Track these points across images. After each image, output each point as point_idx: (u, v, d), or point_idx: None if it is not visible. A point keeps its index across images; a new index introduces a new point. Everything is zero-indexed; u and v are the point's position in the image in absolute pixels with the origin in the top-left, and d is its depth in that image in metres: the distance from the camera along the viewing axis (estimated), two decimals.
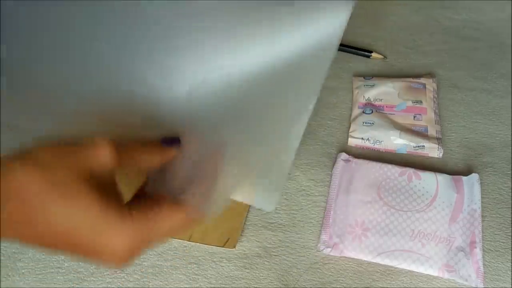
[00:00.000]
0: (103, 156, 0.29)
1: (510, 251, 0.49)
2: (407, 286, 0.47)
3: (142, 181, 0.33)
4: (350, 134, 0.57)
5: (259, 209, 0.52)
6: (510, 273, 0.47)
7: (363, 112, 0.58)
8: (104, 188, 0.28)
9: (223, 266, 0.48)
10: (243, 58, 0.33)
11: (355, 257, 0.48)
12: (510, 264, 0.48)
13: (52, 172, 0.27)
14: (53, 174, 0.27)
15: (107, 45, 0.33)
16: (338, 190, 0.52)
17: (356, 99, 0.60)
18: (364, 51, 0.65)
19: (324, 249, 0.48)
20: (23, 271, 0.48)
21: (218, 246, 0.49)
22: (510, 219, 0.51)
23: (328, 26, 0.32)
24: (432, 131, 0.56)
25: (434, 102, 0.59)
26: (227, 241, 0.49)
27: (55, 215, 0.26)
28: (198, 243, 0.49)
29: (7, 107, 0.31)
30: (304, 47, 0.32)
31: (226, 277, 0.48)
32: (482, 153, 0.56)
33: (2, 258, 0.49)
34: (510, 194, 0.53)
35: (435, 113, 0.58)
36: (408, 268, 0.47)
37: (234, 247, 0.49)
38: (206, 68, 0.33)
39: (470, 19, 0.70)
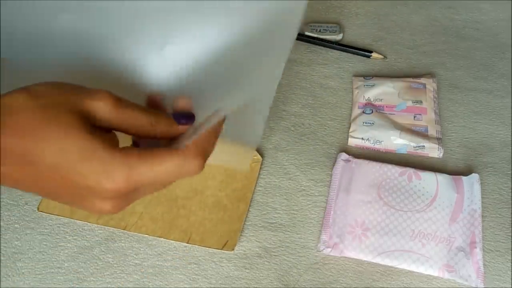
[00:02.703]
0: (103, 105, 0.29)
1: (510, 251, 0.49)
2: (407, 286, 0.47)
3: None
4: (350, 134, 0.57)
5: (259, 209, 0.52)
6: (510, 273, 0.47)
7: (363, 112, 0.58)
8: (97, 131, 0.28)
9: (223, 266, 0.48)
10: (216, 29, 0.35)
11: (355, 257, 0.48)
12: (510, 264, 0.48)
13: (46, 102, 0.27)
14: (47, 104, 0.27)
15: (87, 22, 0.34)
16: (338, 190, 0.52)
17: (356, 99, 0.60)
18: (364, 51, 0.65)
19: (324, 249, 0.48)
20: (23, 271, 0.48)
21: (216, 249, 0.49)
22: (510, 219, 0.51)
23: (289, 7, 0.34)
24: (432, 131, 0.56)
25: (434, 102, 0.59)
26: (225, 244, 0.49)
27: (47, 149, 0.26)
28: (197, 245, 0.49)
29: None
30: (268, 23, 0.34)
31: (226, 277, 0.47)
32: (482, 153, 0.56)
33: (2, 258, 0.49)
34: (510, 194, 0.53)
35: (435, 113, 0.58)
36: (408, 268, 0.47)
37: (233, 249, 0.49)
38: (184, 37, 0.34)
39: (470, 19, 0.70)
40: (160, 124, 0.32)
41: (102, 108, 0.29)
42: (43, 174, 0.27)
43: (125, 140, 0.33)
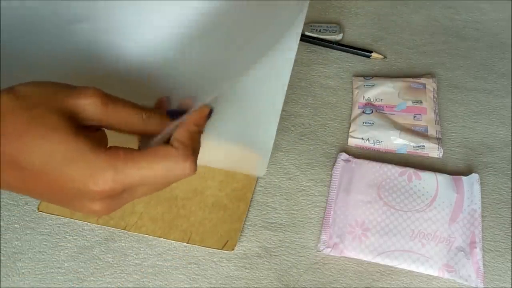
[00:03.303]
0: (90, 103, 0.28)
1: (510, 251, 0.49)
2: (407, 286, 0.47)
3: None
4: (350, 134, 0.57)
5: (259, 209, 0.52)
6: (510, 273, 0.47)
7: (363, 112, 0.58)
8: (83, 131, 0.28)
9: (223, 266, 0.48)
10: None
11: (355, 257, 0.48)
12: (510, 264, 0.48)
13: (31, 102, 0.27)
14: (32, 105, 0.27)
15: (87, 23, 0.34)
16: (338, 190, 0.52)
17: (356, 99, 0.60)
18: (364, 51, 0.65)
19: (324, 249, 0.48)
20: (23, 271, 0.48)
21: (216, 249, 0.49)
22: (510, 219, 0.51)
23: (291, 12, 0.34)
24: (432, 131, 0.56)
25: (434, 102, 0.59)
26: (225, 244, 0.49)
27: (34, 152, 0.26)
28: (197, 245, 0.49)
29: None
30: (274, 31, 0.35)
31: (226, 277, 0.48)
32: (482, 153, 0.56)
33: (2, 258, 0.49)
34: (510, 194, 0.53)
35: (435, 113, 0.58)
36: (408, 268, 0.47)
37: (233, 249, 0.49)
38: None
39: (470, 19, 0.70)
40: (151, 120, 0.31)
41: (90, 106, 0.28)
42: (32, 177, 0.27)
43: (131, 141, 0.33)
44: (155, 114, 0.32)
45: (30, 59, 0.35)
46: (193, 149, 0.31)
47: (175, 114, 0.32)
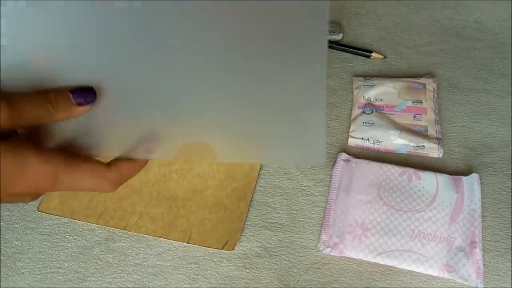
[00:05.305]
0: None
1: (510, 251, 0.49)
2: (407, 286, 0.47)
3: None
4: (350, 134, 0.57)
5: (259, 209, 0.52)
6: (510, 273, 0.47)
7: (363, 112, 0.58)
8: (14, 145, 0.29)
9: (223, 266, 0.48)
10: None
11: (355, 257, 0.48)
12: (510, 264, 0.48)
13: None
14: None
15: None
16: (338, 190, 0.52)
17: (356, 99, 0.60)
18: (364, 51, 0.65)
19: (324, 249, 0.48)
20: (23, 271, 0.48)
21: (216, 249, 0.49)
22: (510, 219, 0.51)
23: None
24: (432, 131, 0.56)
25: (434, 102, 0.59)
26: (226, 243, 0.49)
27: None
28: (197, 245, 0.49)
29: None
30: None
31: (226, 277, 0.48)
32: (482, 153, 0.56)
33: (2, 258, 0.49)
34: (510, 194, 0.53)
35: (435, 113, 0.58)
36: (408, 268, 0.47)
37: (233, 249, 0.49)
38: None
39: (470, 19, 0.70)
40: (58, 110, 0.31)
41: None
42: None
43: None
44: (61, 102, 0.31)
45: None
46: (125, 179, 0.35)
47: (79, 96, 0.32)
